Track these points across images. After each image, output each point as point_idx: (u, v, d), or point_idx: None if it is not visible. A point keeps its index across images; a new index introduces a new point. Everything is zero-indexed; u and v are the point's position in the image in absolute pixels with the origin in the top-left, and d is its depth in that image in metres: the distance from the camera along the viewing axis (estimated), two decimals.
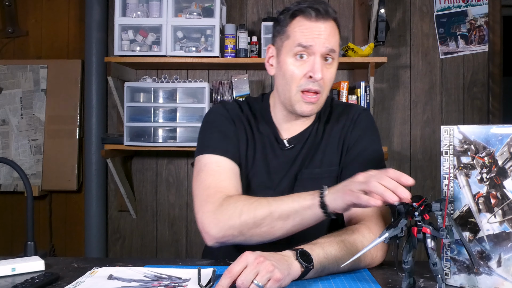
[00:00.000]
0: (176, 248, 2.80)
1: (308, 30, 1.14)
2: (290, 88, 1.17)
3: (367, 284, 0.95)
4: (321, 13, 1.14)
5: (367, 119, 1.27)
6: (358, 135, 1.23)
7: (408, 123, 2.79)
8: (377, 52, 2.73)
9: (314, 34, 1.14)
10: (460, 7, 2.75)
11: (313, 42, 1.13)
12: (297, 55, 1.15)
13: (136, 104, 2.53)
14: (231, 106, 1.29)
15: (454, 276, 0.93)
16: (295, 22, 1.16)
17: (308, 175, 1.22)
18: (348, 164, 1.22)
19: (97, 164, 2.67)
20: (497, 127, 0.87)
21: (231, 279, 0.85)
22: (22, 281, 0.92)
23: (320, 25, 1.14)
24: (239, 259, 0.87)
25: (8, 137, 2.83)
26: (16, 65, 2.83)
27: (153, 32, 2.53)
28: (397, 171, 0.89)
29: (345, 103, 1.34)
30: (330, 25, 1.15)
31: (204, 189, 1.13)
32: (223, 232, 1.06)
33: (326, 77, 1.16)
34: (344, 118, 1.26)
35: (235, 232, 1.05)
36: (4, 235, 2.85)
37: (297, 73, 1.15)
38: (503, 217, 0.87)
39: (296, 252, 0.94)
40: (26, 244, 1.22)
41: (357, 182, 0.92)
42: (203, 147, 1.22)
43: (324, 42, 1.14)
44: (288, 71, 1.17)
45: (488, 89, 2.74)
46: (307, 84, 1.15)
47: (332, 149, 1.24)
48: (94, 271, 1.03)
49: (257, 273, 0.85)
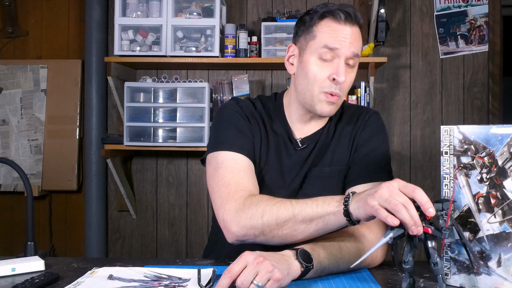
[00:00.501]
0: (176, 248, 2.80)
1: (335, 33, 1.14)
2: (312, 89, 1.17)
3: (367, 284, 0.95)
4: (351, 17, 1.14)
5: (378, 121, 1.28)
6: (368, 136, 1.24)
7: (408, 123, 2.79)
8: (377, 52, 2.74)
9: (341, 37, 1.14)
10: (460, 7, 2.75)
11: (339, 45, 1.13)
12: (322, 56, 1.15)
13: (136, 104, 2.53)
14: (245, 103, 1.28)
15: (454, 276, 0.93)
16: (323, 23, 1.16)
17: (317, 173, 1.23)
18: (355, 163, 1.23)
19: (97, 164, 2.67)
20: (497, 127, 0.87)
21: (230, 279, 0.85)
22: (22, 281, 0.92)
23: (347, 29, 1.14)
24: (239, 259, 0.87)
25: (8, 137, 2.83)
26: (16, 65, 2.83)
27: (153, 32, 2.53)
28: (423, 194, 0.85)
29: (356, 105, 1.35)
30: (356, 30, 1.16)
31: (225, 186, 1.11)
32: (244, 231, 1.04)
33: (347, 81, 1.17)
34: (355, 119, 1.27)
35: (256, 232, 1.04)
36: (4, 235, 2.85)
37: (321, 74, 1.15)
38: (503, 217, 0.87)
39: (296, 251, 0.94)
40: (26, 244, 1.22)
41: (380, 197, 0.88)
42: (218, 143, 1.20)
43: (350, 46, 1.14)
44: (311, 71, 1.16)
45: (488, 89, 2.74)
46: (330, 87, 1.15)
47: (342, 149, 1.25)
48: (94, 271, 1.03)
49: (257, 273, 0.85)
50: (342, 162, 1.24)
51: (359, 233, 1.08)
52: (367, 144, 1.24)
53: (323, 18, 1.16)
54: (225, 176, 1.13)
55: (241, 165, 1.16)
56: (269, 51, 2.57)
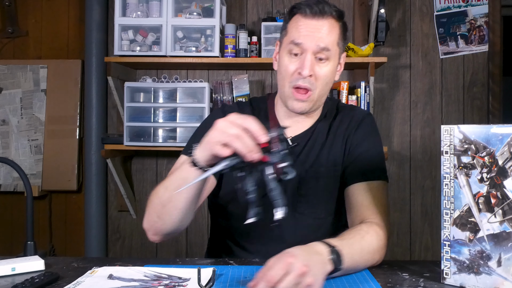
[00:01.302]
0: (176, 248, 2.80)
1: (301, 27, 1.15)
2: (284, 83, 1.19)
3: (367, 284, 0.95)
4: (315, 11, 1.15)
5: (371, 123, 1.28)
6: (361, 137, 1.24)
7: (408, 123, 2.79)
8: (377, 52, 2.73)
9: (306, 31, 1.15)
10: (460, 7, 2.75)
11: (303, 40, 1.14)
12: (292, 51, 1.17)
13: (136, 104, 2.53)
14: (230, 109, 1.28)
15: (454, 276, 0.93)
16: (294, 18, 1.18)
17: (313, 174, 1.22)
18: (350, 163, 1.22)
19: (97, 164, 2.67)
20: (498, 126, 0.87)
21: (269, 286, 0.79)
22: (22, 281, 0.92)
23: (314, 23, 1.15)
24: (280, 263, 0.82)
25: (8, 137, 2.83)
26: (16, 65, 2.83)
27: (153, 32, 2.53)
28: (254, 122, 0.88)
29: (350, 106, 1.35)
30: (326, 23, 1.15)
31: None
32: (146, 222, 1.10)
33: (319, 75, 1.16)
34: (349, 119, 1.27)
35: (154, 217, 1.07)
36: (4, 235, 2.85)
37: (289, 69, 1.17)
38: (503, 217, 0.87)
39: (330, 250, 0.93)
40: (26, 244, 1.22)
41: (214, 135, 0.90)
42: (185, 148, 1.25)
43: (317, 40, 1.14)
44: (282, 66, 1.19)
45: (488, 89, 2.74)
46: (297, 81, 1.16)
47: (336, 149, 1.24)
48: (94, 270, 1.03)
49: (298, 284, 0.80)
50: (337, 162, 1.24)
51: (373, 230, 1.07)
52: (361, 145, 1.23)
53: (293, 14, 1.19)
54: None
55: None
56: (269, 51, 2.57)
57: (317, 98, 1.20)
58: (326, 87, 1.20)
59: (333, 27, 1.17)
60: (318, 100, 1.21)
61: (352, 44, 2.50)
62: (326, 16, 1.15)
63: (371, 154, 1.22)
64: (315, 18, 1.15)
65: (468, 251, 0.90)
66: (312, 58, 1.15)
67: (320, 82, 1.18)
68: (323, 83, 1.18)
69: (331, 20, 1.16)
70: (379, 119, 2.76)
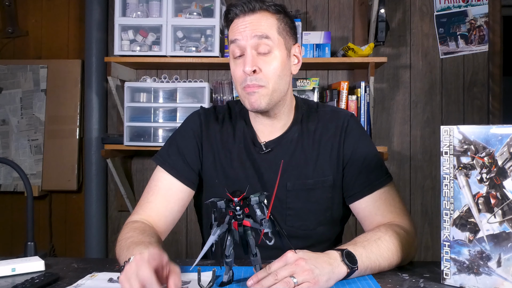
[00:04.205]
0: (176, 248, 2.80)
1: (235, 27, 1.16)
2: (237, 87, 1.19)
3: (367, 284, 0.95)
4: (245, 9, 1.15)
5: (357, 125, 1.25)
6: (353, 145, 1.21)
7: (408, 123, 2.79)
8: (377, 52, 2.73)
9: (241, 28, 1.15)
10: (460, 7, 2.75)
11: (239, 36, 1.14)
12: (234, 54, 1.17)
13: (136, 104, 2.53)
14: (206, 113, 1.28)
15: (454, 276, 0.93)
16: (231, 25, 1.19)
17: (301, 186, 1.19)
18: (352, 175, 1.20)
19: (97, 164, 2.67)
20: (497, 127, 0.87)
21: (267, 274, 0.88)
22: (22, 282, 0.92)
23: (247, 19, 1.15)
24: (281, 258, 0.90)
25: (8, 137, 2.83)
26: (16, 65, 2.83)
27: (153, 32, 2.53)
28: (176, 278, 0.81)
29: (331, 108, 1.29)
30: (257, 16, 1.15)
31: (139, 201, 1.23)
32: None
33: (265, 69, 1.14)
34: (334, 126, 1.23)
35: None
36: (4, 235, 2.85)
37: (236, 72, 1.17)
38: (503, 217, 0.87)
39: (342, 252, 0.95)
40: (26, 244, 1.22)
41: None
42: (160, 152, 1.27)
43: (252, 31, 1.13)
44: (231, 72, 1.20)
45: (488, 89, 2.74)
46: (245, 81, 1.14)
47: (324, 158, 1.21)
48: (94, 274, 1.03)
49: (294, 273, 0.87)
50: (325, 173, 1.20)
51: (392, 230, 1.08)
52: (357, 153, 1.20)
53: (228, 20, 1.19)
54: (145, 191, 1.23)
55: (162, 187, 1.21)
56: None
57: (272, 92, 1.14)
58: (281, 81, 1.15)
59: (267, 18, 1.15)
60: (275, 96, 1.15)
61: (352, 44, 2.50)
62: (258, 10, 1.15)
63: (369, 161, 1.20)
64: (247, 14, 1.15)
65: (468, 252, 0.90)
66: (253, 54, 1.13)
67: (271, 76, 1.14)
68: (274, 77, 1.14)
69: (265, 13, 1.15)
70: (379, 119, 2.77)
